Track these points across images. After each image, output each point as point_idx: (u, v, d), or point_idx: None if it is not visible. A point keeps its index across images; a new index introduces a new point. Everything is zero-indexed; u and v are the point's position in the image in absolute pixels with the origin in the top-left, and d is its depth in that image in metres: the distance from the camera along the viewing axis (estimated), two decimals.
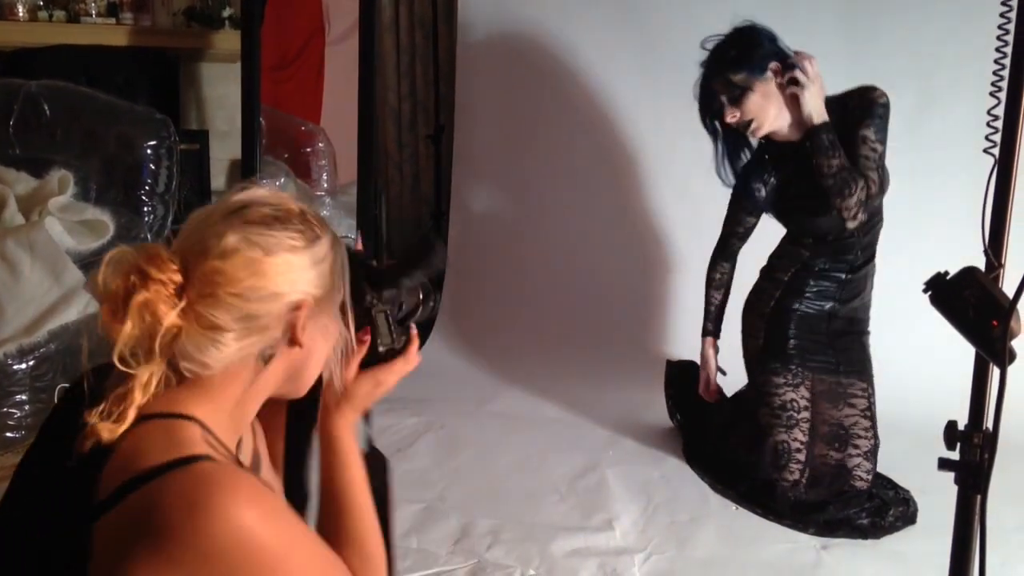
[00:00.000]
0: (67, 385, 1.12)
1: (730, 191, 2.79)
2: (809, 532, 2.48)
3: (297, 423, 1.23)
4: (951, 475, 1.29)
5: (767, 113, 2.54)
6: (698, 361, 3.06)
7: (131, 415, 0.98)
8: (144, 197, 3.48)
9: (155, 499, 0.92)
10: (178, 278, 1.01)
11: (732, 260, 2.91)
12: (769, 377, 2.66)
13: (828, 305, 2.67)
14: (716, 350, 2.97)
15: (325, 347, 1.15)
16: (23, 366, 2.92)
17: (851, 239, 2.61)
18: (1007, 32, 1.25)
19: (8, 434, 2.90)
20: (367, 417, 1.32)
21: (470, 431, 3.15)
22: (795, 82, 2.48)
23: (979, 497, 1.26)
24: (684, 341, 3.66)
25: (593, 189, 4.14)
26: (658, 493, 2.70)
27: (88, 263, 3.16)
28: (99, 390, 1.01)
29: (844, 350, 2.67)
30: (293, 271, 1.06)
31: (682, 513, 2.58)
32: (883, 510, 2.53)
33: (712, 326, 2.96)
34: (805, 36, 2.75)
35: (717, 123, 2.65)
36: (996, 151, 1.25)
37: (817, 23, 3.51)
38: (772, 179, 2.68)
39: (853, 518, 2.51)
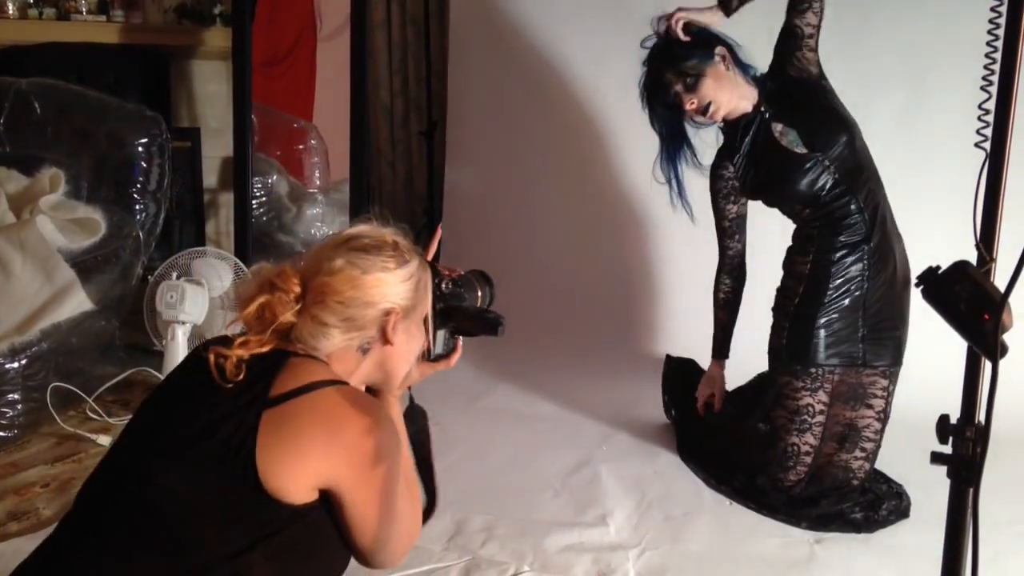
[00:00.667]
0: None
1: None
2: (802, 526, 2.48)
3: None
4: (944, 469, 1.30)
5: (722, 94, 2.58)
6: (694, 358, 3.07)
7: (246, 352, 1.32)
8: (136, 195, 3.47)
9: (334, 398, 1.30)
10: (298, 289, 1.39)
11: (734, 275, 2.85)
12: (789, 379, 2.61)
13: (858, 288, 2.58)
14: (724, 369, 2.96)
15: (410, 347, 1.50)
16: (15, 365, 2.91)
17: (844, 197, 2.56)
18: (997, 26, 1.25)
19: (1, 433, 2.89)
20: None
21: (463, 428, 3.15)
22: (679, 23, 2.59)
23: (971, 490, 1.26)
24: (677, 337, 3.67)
25: (587, 184, 4.14)
26: (652, 489, 2.70)
27: (80, 261, 3.15)
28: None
29: (875, 340, 2.59)
30: (384, 286, 1.40)
31: (676, 508, 2.59)
32: (876, 504, 2.53)
33: (717, 347, 2.94)
34: None
35: (662, 124, 2.70)
36: (987, 145, 1.25)
37: None
38: (739, 158, 2.68)
39: (846, 512, 2.51)
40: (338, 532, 1.35)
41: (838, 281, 2.59)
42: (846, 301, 2.59)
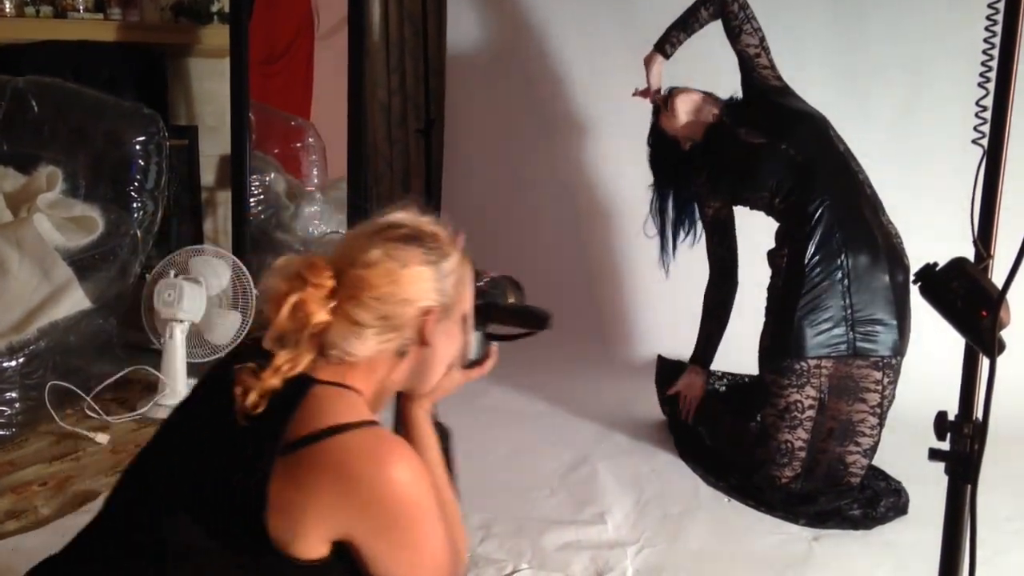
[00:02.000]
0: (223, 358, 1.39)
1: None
2: (800, 523, 2.48)
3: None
4: (942, 465, 1.30)
5: (690, 94, 2.80)
6: (686, 359, 3.07)
7: (277, 380, 1.20)
8: (133, 193, 3.46)
9: (347, 448, 1.16)
10: (331, 283, 1.25)
11: (718, 282, 2.93)
12: (775, 377, 2.62)
13: (839, 275, 2.57)
14: (704, 378, 2.99)
15: (449, 348, 1.39)
16: (13, 364, 2.91)
17: (808, 185, 2.60)
18: (995, 23, 1.25)
19: None
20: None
21: (461, 426, 3.12)
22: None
23: (969, 487, 1.26)
24: (674, 336, 3.66)
25: (584, 183, 4.14)
26: (649, 486, 2.70)
27: (77, 260, 3.15)
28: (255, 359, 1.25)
29: (865, 331, 2.57)
30: (423, 281, 1.29)
31: (674, 506, 2.59)
32: (875, 501, 2.54)
33: (698, 354, 2.98)
34: (794, 28, 2.76)
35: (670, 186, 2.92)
36: (985, 142, 1.25)
37: (806, 15, 3.52)
38: (711, 164, 2.84)
39: (844, 509, 2.51)
40: None
41: (815, 271, 2.59)
42: (826, 291, 2.58)
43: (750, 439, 2.72)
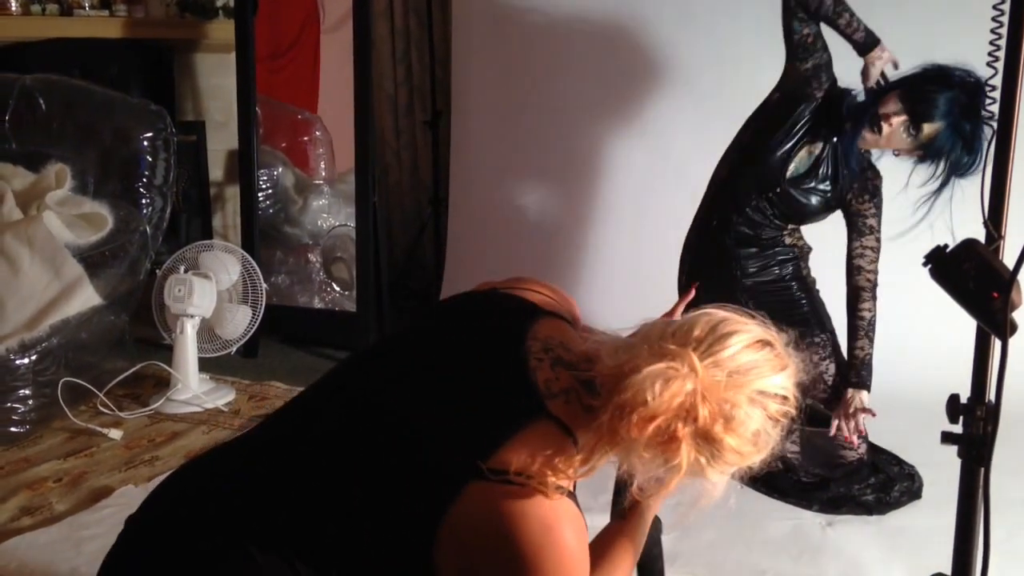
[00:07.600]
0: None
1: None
2: (814, 509, 2.48)
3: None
4: (955, 449, 1.29)
5: None
6: None
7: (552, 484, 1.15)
8: (142, 189, 3.47)
9: (518, 509, 1.10)
10: (705, 430, 1.09)
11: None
12: None
13: (729, 266, 2.76)
14: None
15: None
16: (25, 361, 2.92)
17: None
18: (1003, 1, 1.24)
19: (12, 428, 2.91)
20: None
21: None
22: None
23: (983, 470, 1.26)
24: None
25: (593, 173, 4.13)
26: None
27: (87, 256, 3.16)
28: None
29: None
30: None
31: (687, 493, 2.58)
32: (888, 486, 2.53)
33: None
34: None
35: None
36: (995, 122, 1.25)
37: None
38: None
39: (858, 494, 2.51)
40: None
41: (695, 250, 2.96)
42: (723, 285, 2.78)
43: None
